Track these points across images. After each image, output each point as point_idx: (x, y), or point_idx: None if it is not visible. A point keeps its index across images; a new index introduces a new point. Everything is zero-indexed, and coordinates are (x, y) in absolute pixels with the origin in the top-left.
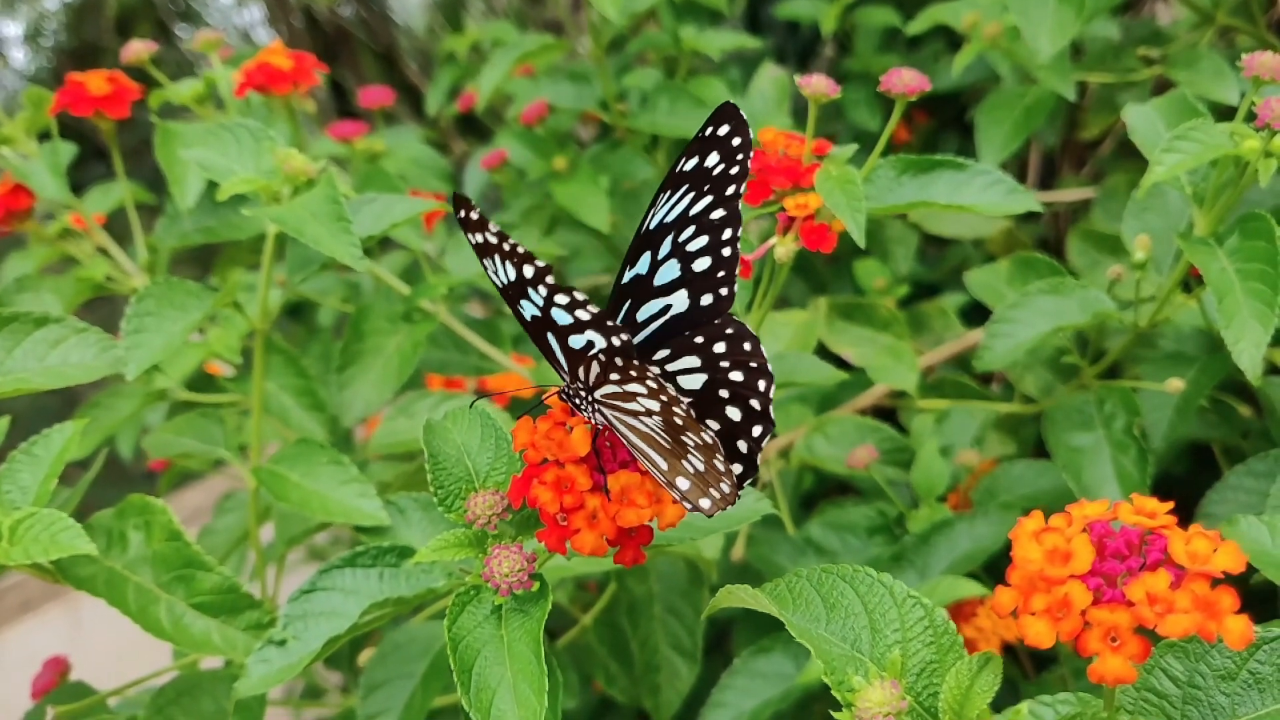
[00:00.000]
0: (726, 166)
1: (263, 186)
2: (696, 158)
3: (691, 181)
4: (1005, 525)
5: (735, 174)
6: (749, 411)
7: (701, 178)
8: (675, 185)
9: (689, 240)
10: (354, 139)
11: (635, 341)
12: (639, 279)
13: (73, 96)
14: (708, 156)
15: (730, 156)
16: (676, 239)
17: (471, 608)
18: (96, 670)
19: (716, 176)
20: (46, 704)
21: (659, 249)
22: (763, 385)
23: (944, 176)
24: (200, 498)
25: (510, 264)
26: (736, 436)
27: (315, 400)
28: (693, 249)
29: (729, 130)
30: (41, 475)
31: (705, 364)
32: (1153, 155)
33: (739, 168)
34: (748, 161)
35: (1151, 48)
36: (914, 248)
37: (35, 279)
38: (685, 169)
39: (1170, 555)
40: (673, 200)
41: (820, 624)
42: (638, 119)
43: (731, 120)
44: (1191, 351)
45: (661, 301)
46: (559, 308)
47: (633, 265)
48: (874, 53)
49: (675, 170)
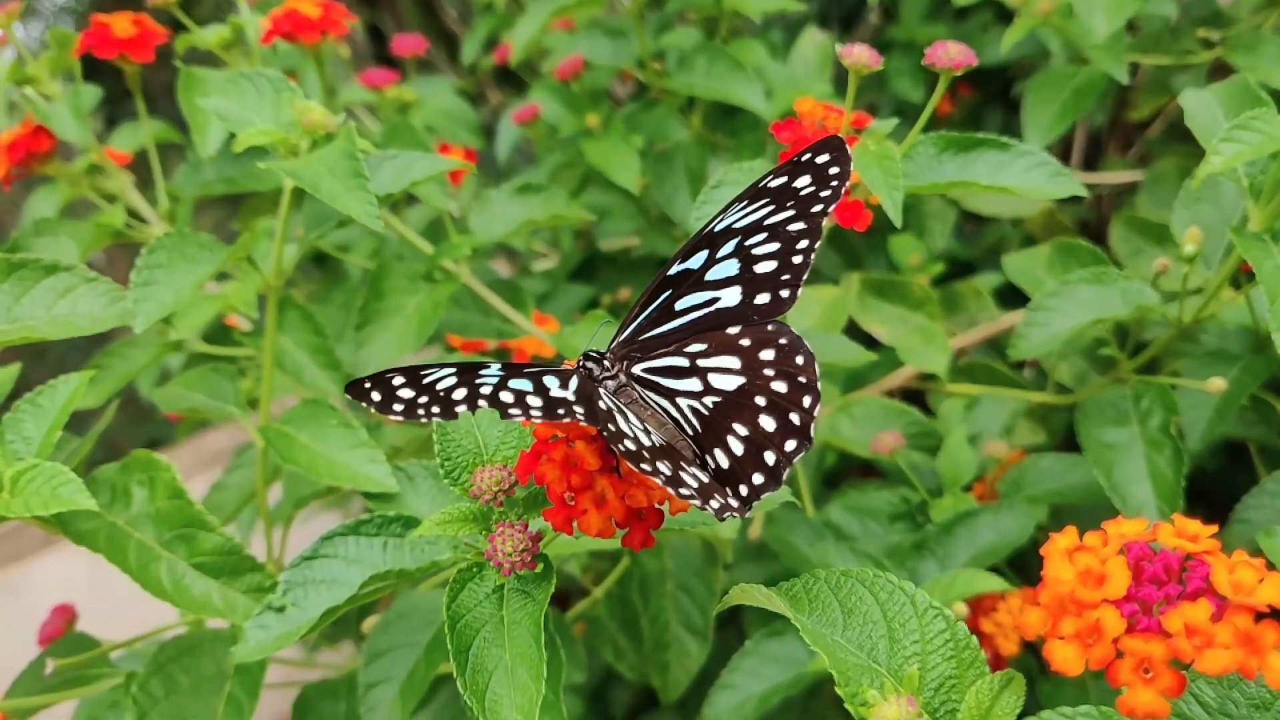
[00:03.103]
0: (817, 189)
1: (281, 139)
2: (786, 178)
3: (774, 197)
4: (1031, 519)
5: (826, 196)
6: (786, 424)
7: (786, 194)
8: (755, 198)
9: (758, 244)
10: (384, 87)
11: (658, 331)
12: (688, 273)
13: (97, 38)
14: (798, 178)
15: (824, 181)
16: (743, 242)
17: (473, 585)
18: (112, 609)
19: (804, 196)
20: (47, 656)
21: (719, 249)
22: (808, 401)
23: (986, 156)
24: (224, 440)
25: (461, 392)
26: (765, 447)
27: (330, 359)
28: (760, 252)
29: (828, 159)
30: (46, 426)
31: (746, 367)
32: (1210, 145)
33: (831, 191)
34: (841, 188)
35: (1211, 29)
36: (951, 224)
37: (54, 223)
38: (771, 185)
39: (1212, 584)
40: (749, 209)
41: (836, 630)
42: (674, 79)
43: (834, 152)
44: (1235, 349)
45: (709, 294)
46: (519, 394)
47: (684, 260)
48: (920, 21)
49: (759, 185)
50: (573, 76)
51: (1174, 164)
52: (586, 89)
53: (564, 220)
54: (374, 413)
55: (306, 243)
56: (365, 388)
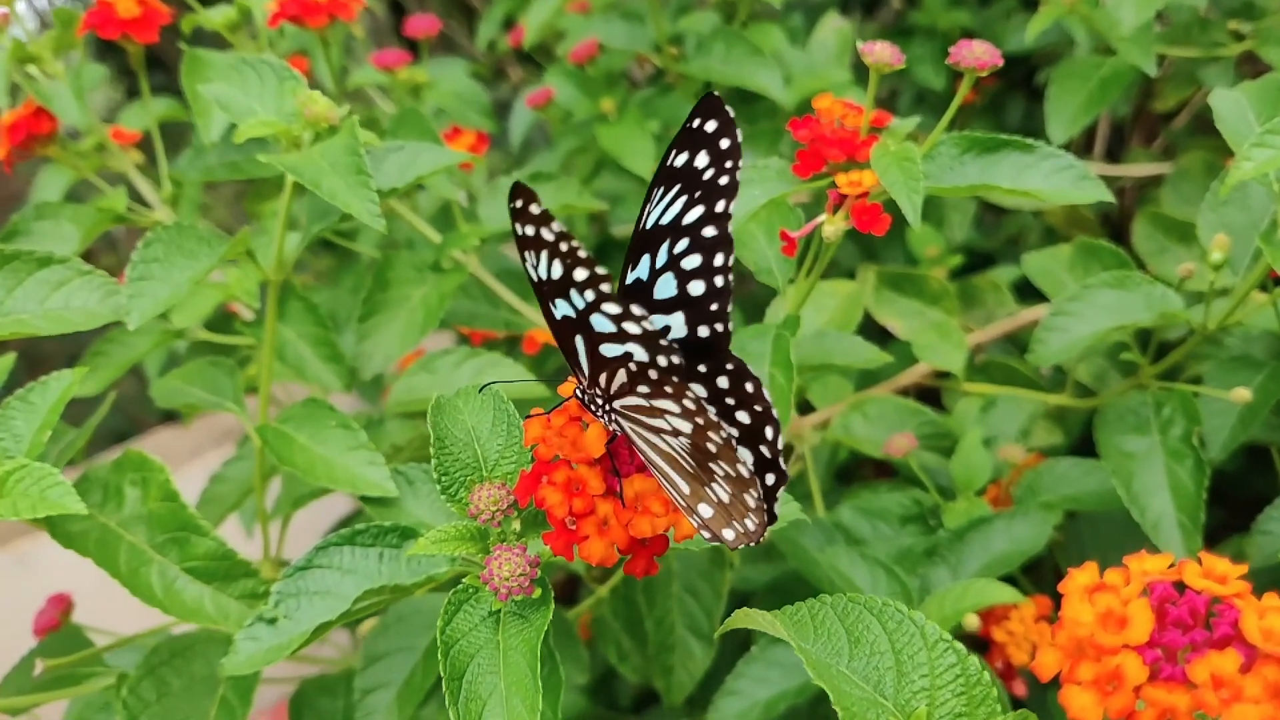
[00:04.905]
0: (716, 174)
1: (282, 130)
2: (686, 153)
3: (684, 182)
4: (1045, 527)
5: (725, 185)
6: (760, 458)
7: (692, 180)
8: (668, 182)
9: (684, 254)
10: (396, 69)
11: None
12: (640, 285)
13: (100, 18)
14: (697, 155)
15: (719, 162)
16: (672, 250)
17: (469, 607)
18: None
19: (707, 183)
20: (36, 655)
21: (657, 255)
22: (770, 433)
23: (1009, 158)
24: (233, 420)
25: (560, 263)
26: None
27: (333, 351)
28: (687, 266)
29: (716, 128)
30: (36, 424)
31: (711, 398)
32: (1241, 149)
33: (728, 178)
34: (737, 172)
35: (1243, 21)
36: (971, 215)
37: (55, 206)
38: (675, 164)
39: (1241, 631)
40: (667, 199)
41: (842, 659)
42: (690, 64)
43: (718, 116)
44: (1260, 355)
45: (663, 320)
46: (605, 316)
47: (634, 266)
48: (943, 7)
49: (666, 164)
50: (588, 60)
51: (1200, 159)
52: (602, 73)
53: (575, 210)
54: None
55: (309, 235)
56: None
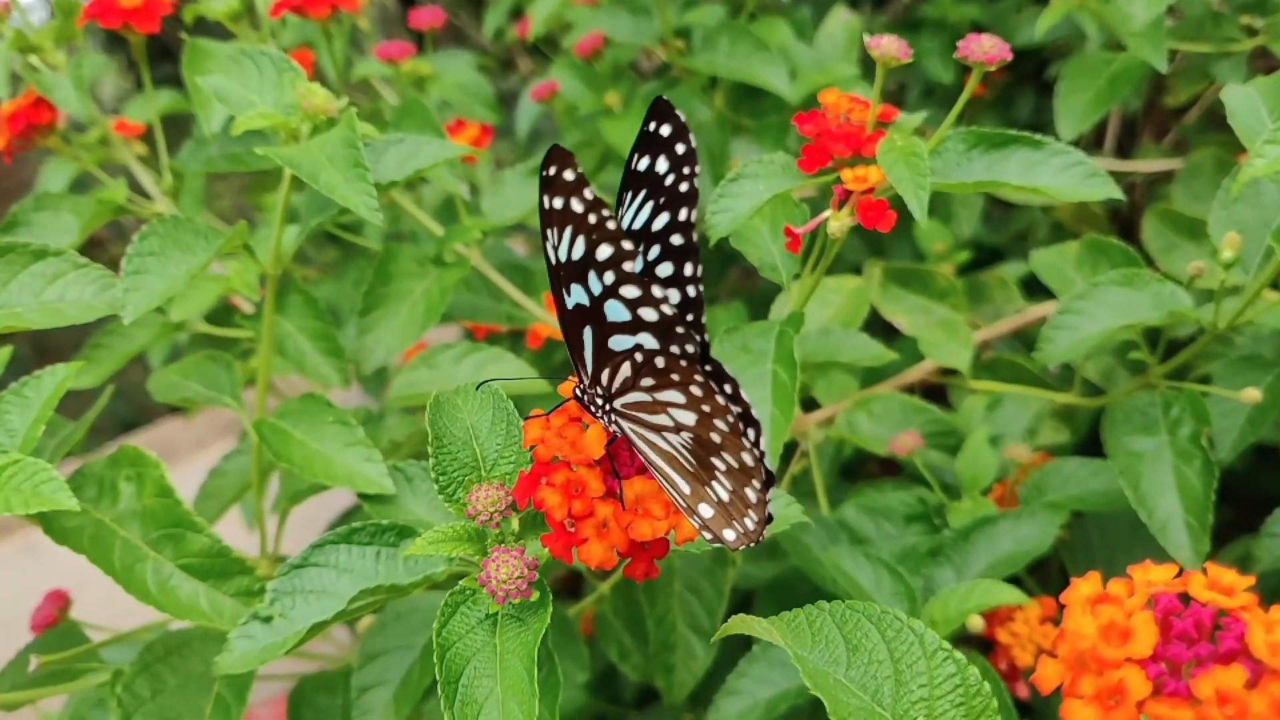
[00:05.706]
0: (676, 180)
1: (281, 123)
2: (648, 157)
3: (649, 187)
4: (1051, 527)
5: (685, 193)
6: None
7: (656, 185)
8: (634, 187)
9: (657, 261)
10: (400, 61)
11: None
12: None
13: (101, 8)
14: (657, 160)
15: (678, 168)
16: (646, 256)
17: (466, 610)
18: None
19: (669, 190)
20: (31, 652)
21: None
22: (752, 434)
23: (1018, 155)
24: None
25: (584, 240)
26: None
27: (333, 345)
28: (661, 274)
29: (671, 133)
30: (30, 419)
31: (690, 403)
32: (1253, 145)
33: (688, 185)
34: (695, 179)
35: (1255, 16)
36: (979, 210)
37: (55, 197)
38: (639, 169)
39: (1247, 645)
40: (636, 204)
41: (840, 668)
42: (696, 58)
43: (670, 120)
44: (1270, 355)
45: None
46: (621, 302)
47: None
48: (953, 0)
49: (630, 168)
50: (593, 54)
51: (1211, 155)
52: (608, 66)
53: None
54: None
55: (307, 228)
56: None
